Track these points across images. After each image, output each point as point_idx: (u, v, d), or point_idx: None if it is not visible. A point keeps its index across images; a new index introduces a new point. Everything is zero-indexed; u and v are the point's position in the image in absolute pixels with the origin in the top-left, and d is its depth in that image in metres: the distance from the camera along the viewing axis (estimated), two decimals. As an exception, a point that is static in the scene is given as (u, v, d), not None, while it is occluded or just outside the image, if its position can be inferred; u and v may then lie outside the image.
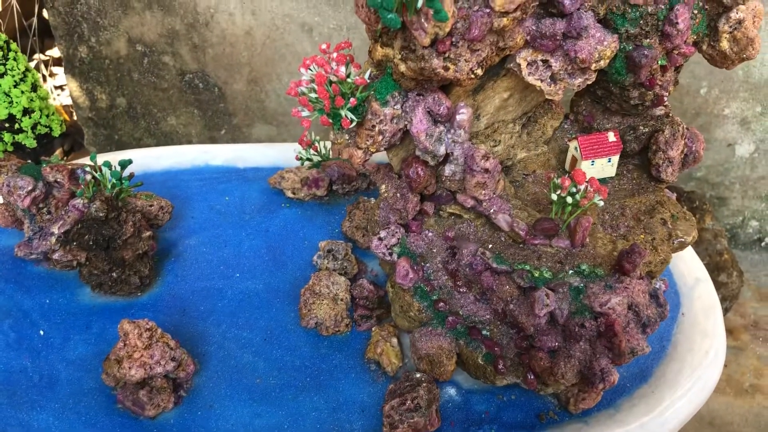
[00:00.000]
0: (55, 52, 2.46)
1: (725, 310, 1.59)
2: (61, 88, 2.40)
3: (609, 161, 1.04)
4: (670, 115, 1.06)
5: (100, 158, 1.35)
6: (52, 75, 2.43)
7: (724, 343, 1.05)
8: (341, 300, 1.07)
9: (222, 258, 1.18)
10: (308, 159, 1.31)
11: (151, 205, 1.15)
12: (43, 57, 2.40)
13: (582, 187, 0.90)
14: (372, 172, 1.17)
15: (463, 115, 0.93)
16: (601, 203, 0.90)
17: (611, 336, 0.84)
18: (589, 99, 1.09)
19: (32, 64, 2.35)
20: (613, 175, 1.06)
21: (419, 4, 0.78)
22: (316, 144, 1.30)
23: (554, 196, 0.90)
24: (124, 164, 1.10)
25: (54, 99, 2.35)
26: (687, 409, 0.96)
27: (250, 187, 1.34)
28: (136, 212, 1.09)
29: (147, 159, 1.38)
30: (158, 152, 1.40)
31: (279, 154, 1.41)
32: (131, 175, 1.11)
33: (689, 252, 1.21)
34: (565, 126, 1.12)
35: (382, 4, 0.78)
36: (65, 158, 2.25)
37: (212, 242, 1.21)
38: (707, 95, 1.59)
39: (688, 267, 1.17)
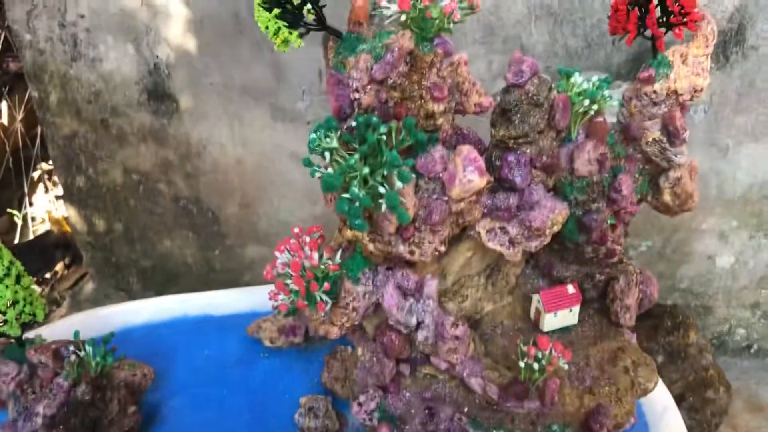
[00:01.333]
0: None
1: (715, 426, 1.57)
2: (62, 197, 2.44)
3: (570, 311, 1.10)
4: (624, 260, 1.13)
5: (83, 318, 1.38)
6: (54, 185, 2.47)
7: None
8: (326, 463, 1.09)
9: (205, 419, 1.20)
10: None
11: (134, 375, 1.17)
12: (45, 166, 2.45)
13: (547, 353, 0.95)
14: (348, 332, 1.22)
15: (431, 287, 0.99)
16: (566, 366, 0.96)
17: (586, 501, 0.88)
18: (547, 250, 1.15)
19: (35, 174, 2.39)
20: (575, 322, 1.12)
21: (382, 209, 0.85)
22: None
23: (522, 364, 0.96)
24: (107, 340, 1.13)
25: (55, 210, 2.39)
26: None
27: (228, 337, 1.36)
28: (120, 388, 1.11)
29: (126, 315, 1.40)
30: (136, 306, 1.43)
31: (254, 299, 1.44)
32: (114, 349, 1.14)
33: (655, 379, 1.26)
34: (527, 272, 1.19)
35: (349, 212, 0.84)
36: (67, 270, 2.27)
37: (194, 403, 1.23)
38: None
39: (654, 395, 1.22)
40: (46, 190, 2.46)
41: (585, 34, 1.30)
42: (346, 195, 0.84)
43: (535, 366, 0.94)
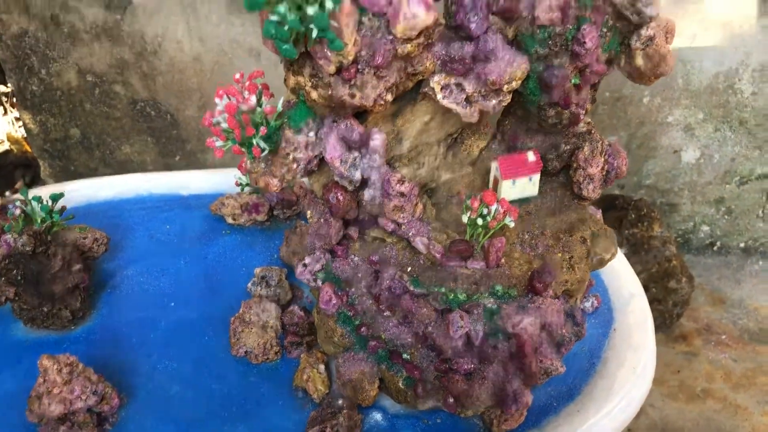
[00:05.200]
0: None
1: (677, 316, 1.59)
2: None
3: (530, 180, 1.04)
4: (593, 131, 1.07)
5: (42, 191, 1.36)
6: (13, 106, 2.43)
7: (654, 357, 1.05)
8: (271, 327, 1.07)
9: (159, 288, 1.18)
10: (248, 185, 1.32)
11: (84, 238, 1.15)
12: (4, 89, 2.42)
13: (492, 209, 0.90)
14: (301, 196, 1.18)
15: (377, 141, 0.94)
16: (512, 224, 0.91)
17: (522, 357, 0.84)
18: (512, 119, 1.09)
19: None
20: (536, 193, 1.06)
21: (314, 34, 0.79)
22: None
23: (465, 218, 0.91)
24: (55, 198, 1.11)
25: (16, 130, 2.36)
26: (611, 425, 0.96)
27: (192, 214, 1.34)
28: (66, 246, 1.09)
29: (90, 190, 1.38)
30: (101, 183, 1.41)
31: (223, 180, 1.41)
32: (63, 209, 1.12)
33: (625, 268, 1.22)
34: (493, 146, 1.13)
35: (276, 35, 0.79)
36: (27, 189, 2.25)
37: (150, 272, 1.21)
38: (650, 104, 1.61)
39: (622, 283, 1.18)
40: (5, 112, 2.41)
41: None
42: (274, 17, 0.78)
43: (479, 221, 0.90)
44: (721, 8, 1.40)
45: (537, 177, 1.04)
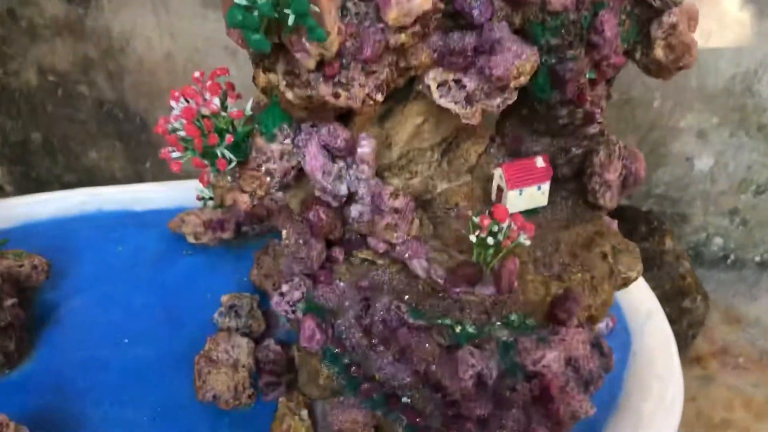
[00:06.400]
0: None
1: (692, 337, 1.48)
2: None
3: (539, 189, 0.91)
4: (606, 133, 0.94)
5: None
6: None
7: (681, 386, 0.93)
8: (243, 366, 0.92)
9: (109, 321, 1.02)
10: (211, 198, 1.16)
11: (20, 265, 0.99)
12: None
13: (504, 226, 0.77)
14: (274, 212, 1.03)
15: (365, 147, 0.80)
16: (528, 243, 0.78)
17: (547, 401, 0.71)
18: (514, 119, 0.96)
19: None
20: (545, 203, 0.93)
21: (291, 20, 0.65)
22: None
23: (473, 238, 0.77)
24: (-18, 222, 0.94)
25: None
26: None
27: (147, 233, 1.18)
28: (-4, 279, 0.93)
29: (32, 206, 1.22)
30: (45, 197, 1.24)
31: (183, 194, 1.26)
32: (-7, 234, 0.96)
33: (639, 281, 1.09)
34: (491, 150, 1.00)
35: (243, 23, 0.64)
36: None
37: (99, 302, 1.05)
38: (661, 107, 1.50)
39: (638, 299, 1.06)
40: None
41: None
42: (241, 1, 0.63)
43: (490, 240, 0.76)
44: (739, 4, 1.28)
45: (547, 185, 0.91)
